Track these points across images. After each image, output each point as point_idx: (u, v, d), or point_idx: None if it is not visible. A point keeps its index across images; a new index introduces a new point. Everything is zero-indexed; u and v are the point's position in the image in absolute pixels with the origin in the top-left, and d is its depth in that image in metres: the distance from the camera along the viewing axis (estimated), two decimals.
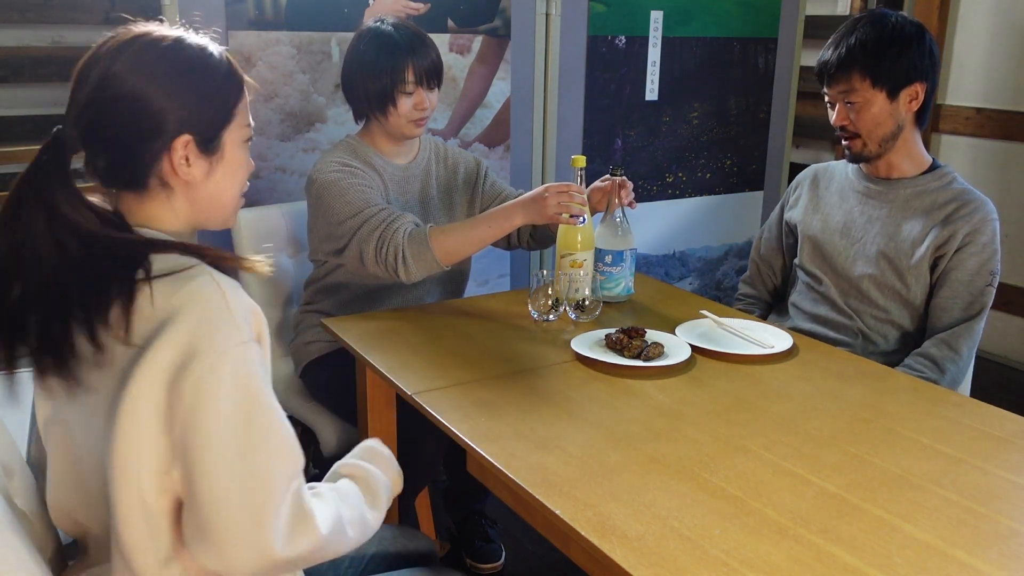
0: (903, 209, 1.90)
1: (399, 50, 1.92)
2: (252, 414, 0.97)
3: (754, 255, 2.22)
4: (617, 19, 3.13)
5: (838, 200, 2.00)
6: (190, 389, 0.95)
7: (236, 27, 2.51)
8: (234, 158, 1.15)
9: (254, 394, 0.98)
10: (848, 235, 1.95)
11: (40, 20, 2.52)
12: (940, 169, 1.91)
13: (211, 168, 1.12)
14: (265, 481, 0.97)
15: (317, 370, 2.04)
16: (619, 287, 1.92)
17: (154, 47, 1.10)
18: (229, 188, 1.16)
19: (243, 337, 0.99)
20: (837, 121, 1.89)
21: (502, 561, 2.20)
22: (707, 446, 1.27)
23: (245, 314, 1.01)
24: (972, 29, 3.67)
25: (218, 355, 0.96)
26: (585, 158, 1.83)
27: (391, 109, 1.93)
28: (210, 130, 1.11)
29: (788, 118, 3.64)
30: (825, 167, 2.10)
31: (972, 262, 1.83)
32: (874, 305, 1.91)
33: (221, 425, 0.95)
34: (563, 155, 3.13)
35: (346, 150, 1.99)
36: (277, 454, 1.00)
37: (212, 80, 1.12)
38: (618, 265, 1.90)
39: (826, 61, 1.87)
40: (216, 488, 0.95)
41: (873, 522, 1.09)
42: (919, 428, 1.35)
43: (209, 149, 1.11)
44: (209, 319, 0.98)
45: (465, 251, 1.84)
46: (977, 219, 1.83)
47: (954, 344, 1.82)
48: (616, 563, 1.00)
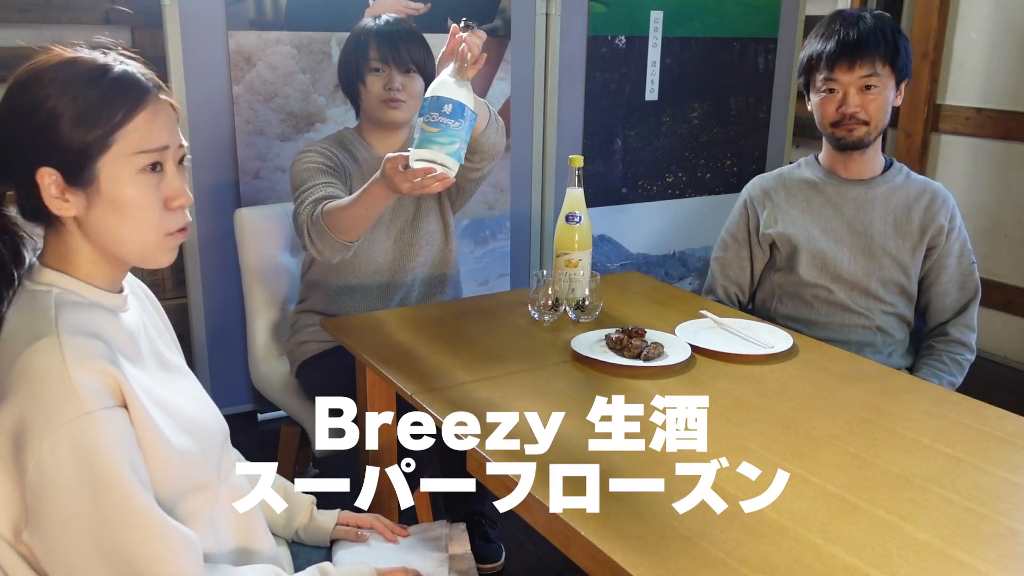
0: (886, 206, 1.94)
1: (366, 32, 1.98)
2: (98, 489, 0.93)
3: (722, 282, 2.10)
4: (617, 19, 3.13)
5: (821, 207, 1.98)
6: (33, 468, 0.92)
7: (236, 27, 2.51)
8: (119, 192, 1.02)
9: (101, 468, 0.93)
10: (846, 240, 1.96)
11: (40, 20, 2.52)
12: (895, 164, 1.99)
13: (89, 203, 1.02)
14: (132, 566, 0.95)
15: (312, 370, 2.04)
16: (454, 146, 1.50)
17: (26, 72, 1.02)
18: (121, 225, 1.04)
19: (85, 408, 0.93)
20: (850, 108, 1.85)
21: (502, 561, 2.20)
22: (707, 446, 1.27)
23: (92, 382, 0.95)
24: (972, 29, 3.67)
25: (54, 431, 0.92)
26: (583, 158, 1.82)
27: (362, 88, 1.98)
28: (76, 160, 1.00)
29: (788, 118, 3.64)
30: (780, 176, 2.05)
31: (957, 245, 1.97)
32: (882, 301, 1.96)
33: (68, 503, 0.93)
34: (563, 155, 3.14)
35: (334, 139, 2.04)
36: (138, 533, 0.96)
37: (76, 103, 1.00)
38: (457, 120, 1.49)
39: (848, 41, 1.81)
40: (73, 572, 0.94)
41: (873, 522, 1.09)
42: (919, 428, 1.35)
43: (79, 182, 1.01)
44: (43, 393, 0.93)
45: (354, 227, 1.76)
46: (951, 205, 1.96)
47: (971, 324, 1.98)
48: (616, 563, 1.00)
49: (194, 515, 1.09)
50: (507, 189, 3.08)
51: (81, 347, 0.97)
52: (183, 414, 1.10)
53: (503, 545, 2.23)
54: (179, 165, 1.09)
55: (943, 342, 1.96)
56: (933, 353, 1.96)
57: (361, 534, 1.41)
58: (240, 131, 2.58)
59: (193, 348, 2.70)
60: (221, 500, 1.16)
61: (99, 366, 0.97)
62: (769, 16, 3.46)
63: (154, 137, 1.04)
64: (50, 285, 1.04)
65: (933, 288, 1.98)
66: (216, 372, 2.75)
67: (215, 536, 1.14)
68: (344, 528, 1.41)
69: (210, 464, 1.14)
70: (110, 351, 1.00)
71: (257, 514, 1.23)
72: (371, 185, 1.68)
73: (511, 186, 3.09)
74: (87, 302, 1.05)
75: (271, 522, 1.37)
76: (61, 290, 1.04)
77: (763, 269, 2.08)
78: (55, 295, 1.03)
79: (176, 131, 1.08)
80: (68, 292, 1.04)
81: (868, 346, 1.95)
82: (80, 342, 0.97)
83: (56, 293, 1.03)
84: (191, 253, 2.64)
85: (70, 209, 1.03)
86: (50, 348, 0.95)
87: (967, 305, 1.97)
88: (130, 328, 1.10)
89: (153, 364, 1.12)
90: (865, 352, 1.90)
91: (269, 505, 1.37)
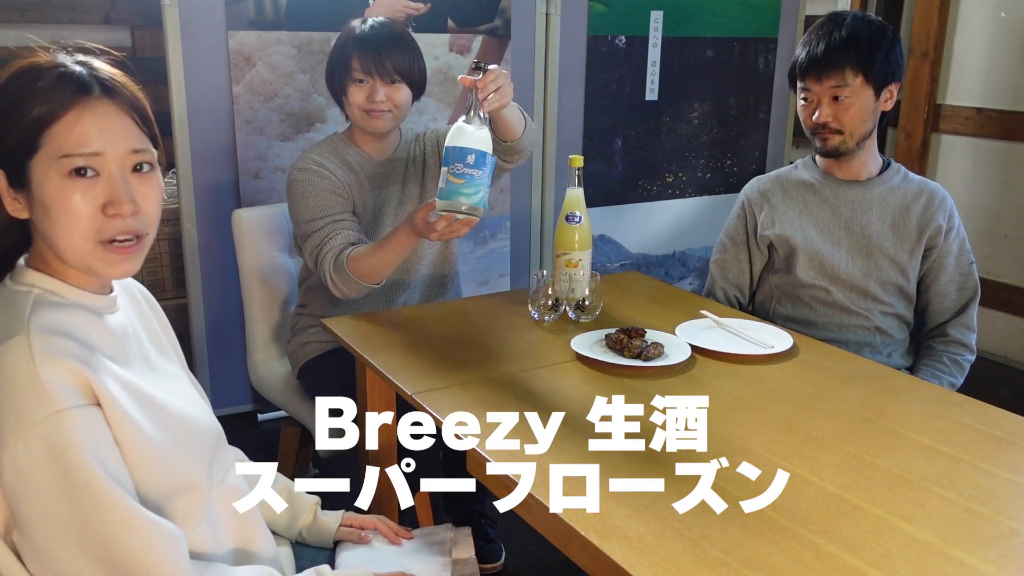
0: (883, 207, 1.94)
1: (350, 40, 1.94)
2: (74, 488, 0.94)
3: (721, 284, 2.10)
4: (617, 19, 3.13)
5: (818, 208, 1.98)
6: (9, 469, 0.93)
7: (236, 27, 2.51)
8: (47, 195, 0.99)
9: (76, 466, 0.93)
10: (843, 241, 1.96)
11: (40, 20, 2.53)
12: (893, 164, 1.99)
13: (29, 205, 1.02)
14: (117, 560, 0.95)
15: (313, 370, 2.05)
16: (479, 195, 1.57)
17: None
18: (55, 230, 1.00)
19: (55, 407, 0.93)
20: (821, 118, 1.87)
21: (502, 561, 2.20)
22: (707, 446, 1.27)
23: (61, 381, 0.95)
24: (972, 29, 3.67)
25: (26, 430, 0.92)
26: (583, 158, 1.82)
27: (345, 99, 1.97)
28: (12, 160, 1.00)
29: (788, 118, 3.64)
30: (778, 178, 2.06)
31: (955, 246, 1.96)
32: (881, 302, 1.96)
33: (46, 502, 0.93)
34: (563, 155, 3.14)
35: (327, 147, 2.01)
36: (118, 528, 0.96)
37: (11, 102, 0.99)
38: (480, 168, 1.57)
39: (816, 54, 1.84)
40: (62, 571, 0.94)
41: (873, 522, 1.09)
42: (919, 428, 1.35)
43: (19, 183, 1.01)
44: (13, 393, 0.93)
45: (381, 271, 1.84)
46: (948, 205, 1.96)
47: (971, 324, 1.98)
48: (616, 563, 1.00)
49: (184, 516, 1.09)
50: (507, 189, 3.08)
51: (49, 345, 0.96)
52: (168, 412, 1.10)
53: (503, 545, 2.23)
54: (136, 172, 1.04)
55: (943, 343, 1.96)
56: (933, 354, 1.96)
57: (364, 535, 1.41)
58: (240, 131, 2.58)
59: (193, 348, 2.70)
60: (217, 501, 1.16)
61: (68, 364, 0.96)
62: (769, 16, 3.46)
63: (79, 141, 0.99)
64: (31, 286, 1.04)
65: (932, 288, 1.98)
66: (216, 372, 2.75)
67: (213, 537, 1.14)
68: (347, 529, 1.41)
69: (198, 465, 1.13)
70: (83, 350, 0.99)
71: (256, 515, 1.23)
72: (398, 232, 1.77)
73: (511, 186, 3.09)
74: (69, 303, 1.05)
75: (273, 522, 1.37)
76: (42, 291, 1.04)
77: (762, 271, 2.08)
78: (35, 296, 1.03)
79: (122, 136, 1.03)
80: (49, 293, 1.04)
81: (867, 346, 1.95)
82: (49, 340, 0.97)
83: (36, 294, 1.03)
84: (191, 253, 2.64)
85: (22, 211, 1.03)
86: (19, 347, 0.95)
87: (966, 305, 1.97)
88: (116, 330, 1.09)
89: (141, 365, 1.12)
90: (864, 352, 1.90)
91: (270, 506, 1.37)
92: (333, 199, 1.92)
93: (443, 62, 2.83)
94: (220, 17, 2.50)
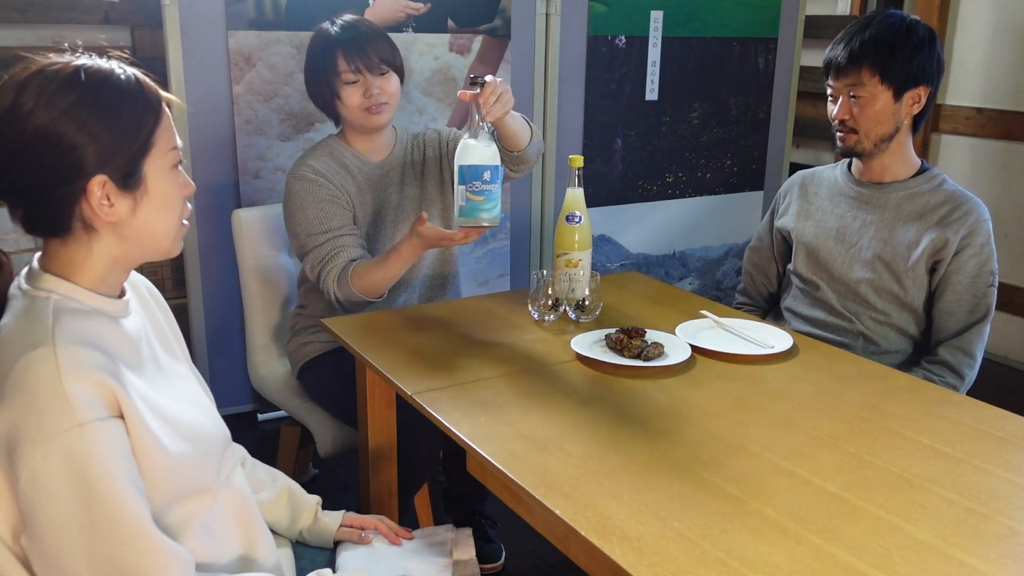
0: (896, 212, 1.90)
1: (328, 44, 1.94)
2: (90, 501, 0.94)
3: (747, 266, 2.21)
4: (617, 19, 3.13)
5: (830, 205, 2.00)
6: (26, 478, 0.93)
7: (236, 27, 2.51)
8: (161, 188, 1.07)
9: (93, 480, 0.94)
10: (843, 240, 1.95)
11: (40, 20, 2.52)
12: (929, 171, 1.92)
13: (136, 204, 1.05)
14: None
15: (313, 371, 2.05)
16: (496, 209, 1.64)
17: (54, 81, 1.00)
18: (161, 220, 1.09)
19: (78, 419, 0.93)
20: (838, 115, 1.88)
21: (502, 561, 2.20)
22: (707, 446, 1.27)
23: (87, 393, 0.95)
24: (972, 29, 3.67)
25: (47, 441, 0.92)
26: (583, 158, 1.83)
27: (339, 104, 1.95)
28: (128, 165, 1.03)
29: (788, 118, 3.64)
30: (812, 173, 2.09)
31: (971, 264, 1.86)
32: (872, 308, 1.92)
33: (60, 513, 0.93)
34: (563, 155, 3.14)
35: (324, 151, 2.00)
36: (128, 546, 0.96)
37: (121, 110, 1.03)
38: (495, 183, 1.63)
39: (838, 52, 1.86)
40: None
41: (873, 522, 1.09)
42: (919, 428, 1.35)
43: (130, 185, 1.04)
44: (36, 403, 0.93)
45: (385, 286, 1.87)
46: (972, 221, 1.85)
47: (968, 349, 1.86)
48: (616, 563, 1.00)
49: (188, 519, 1.09)
50: (507, 189, 3.08)
51: (77, 358, 0.96)
52: (182, 421, 1.10)
53: (503, 545, 2.23)
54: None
55: (929, 361, 1.88)
56: (912, 371, 1.87)
57: (365, 536, 1.41)
58: (240, 131, 2.58)
59: (193, 348, 2.70)
60: (220, 503, 1.16)
61: (95, 377, 0.96)
62: (769, 16, 3.46)
63: (174, 133, 1.10)
64: (50, 291, 1.04)
65: (937, 304, 1.89)
66: (216, 372, 2.75)
67: (213, 540, 1.14)
68: (348, 530, 1.41)
69: (208, 469, 1.14)
70: (108, 361, 0.99)
71: (257, 518, 1.23)
72: (402, 246, 1.80)
73: (511, 186, 3.08)
74: (88, 309, 1.05)
75: (274, 523, 1.37)
76: (61, 296, 1.04)
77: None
78: (54, 302, 1.02)
79: None
80: (68, 299, 1.04)
81: (847, 349, 1.88)
82: (76, 352, 0.97)
83: (56, 300, 1.03)
84: (191, 253, 2.64)
85: (113, 215, 1.04)
86: (45, 358, 0.95)
87: (968, 328, 1.86)
88: (131, 334, 1.10)
89: (153, 370, 1.12)
90: None
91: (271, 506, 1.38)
92: (332, 210, 1.91)
93: (443, 62, 2.83)
94: (220, 17, 2.50)
